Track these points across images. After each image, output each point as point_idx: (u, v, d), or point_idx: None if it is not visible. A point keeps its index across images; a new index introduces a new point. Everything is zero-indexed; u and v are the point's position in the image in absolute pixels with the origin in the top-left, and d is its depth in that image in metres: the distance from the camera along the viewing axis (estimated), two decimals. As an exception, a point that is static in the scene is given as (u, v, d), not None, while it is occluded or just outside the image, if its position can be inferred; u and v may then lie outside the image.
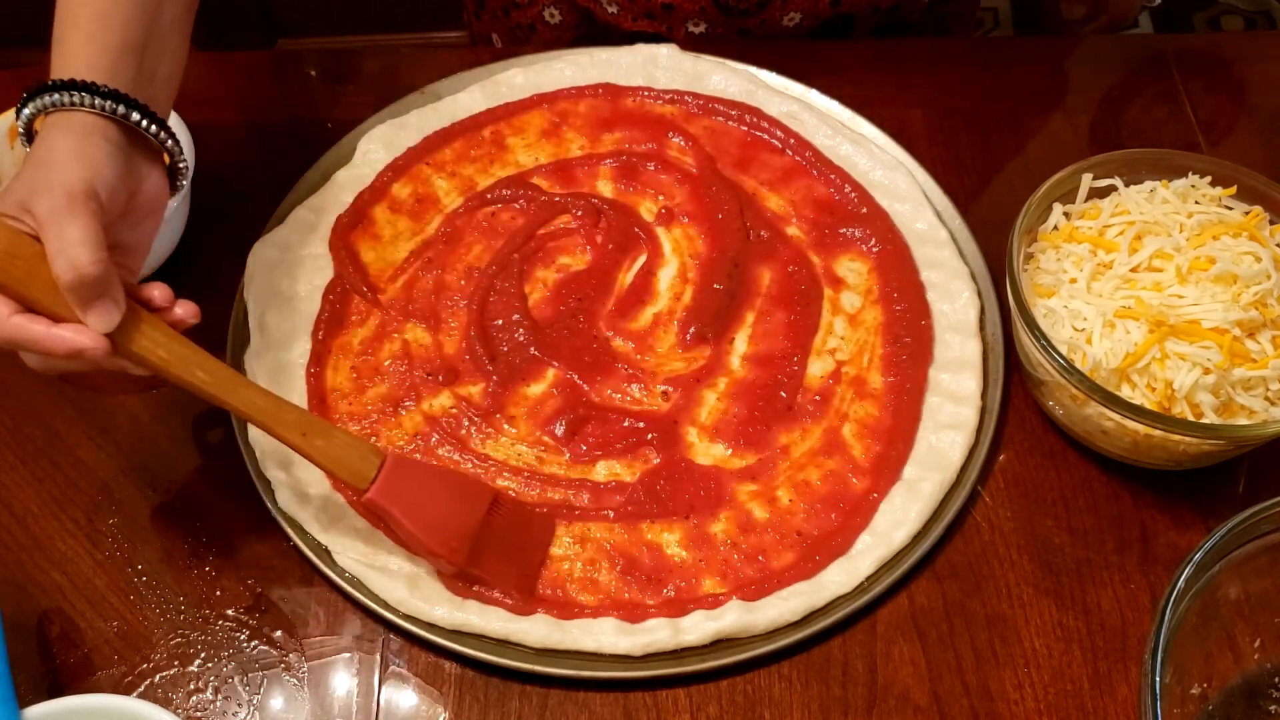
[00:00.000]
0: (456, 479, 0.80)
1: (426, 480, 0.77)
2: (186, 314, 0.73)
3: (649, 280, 0.92)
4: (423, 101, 1.01)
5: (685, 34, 1.10)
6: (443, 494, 0.76)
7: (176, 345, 0.71)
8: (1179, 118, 1.03)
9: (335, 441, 0.74)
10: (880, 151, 0.97)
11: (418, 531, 0.74)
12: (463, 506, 0.76)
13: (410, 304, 0.91)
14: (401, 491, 0.74)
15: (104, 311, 0.67)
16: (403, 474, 0.75)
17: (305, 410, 0.77)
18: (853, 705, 0.75)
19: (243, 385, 0.73)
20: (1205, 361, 0.75)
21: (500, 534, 0.77)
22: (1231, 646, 0.74)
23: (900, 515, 0.80)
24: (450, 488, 0.78)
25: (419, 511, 0.75)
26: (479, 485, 0.79)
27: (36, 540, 0.81)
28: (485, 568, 0.76)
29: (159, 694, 0.75)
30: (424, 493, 0.75)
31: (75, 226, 0.65)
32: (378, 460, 0.74)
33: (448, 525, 0.75)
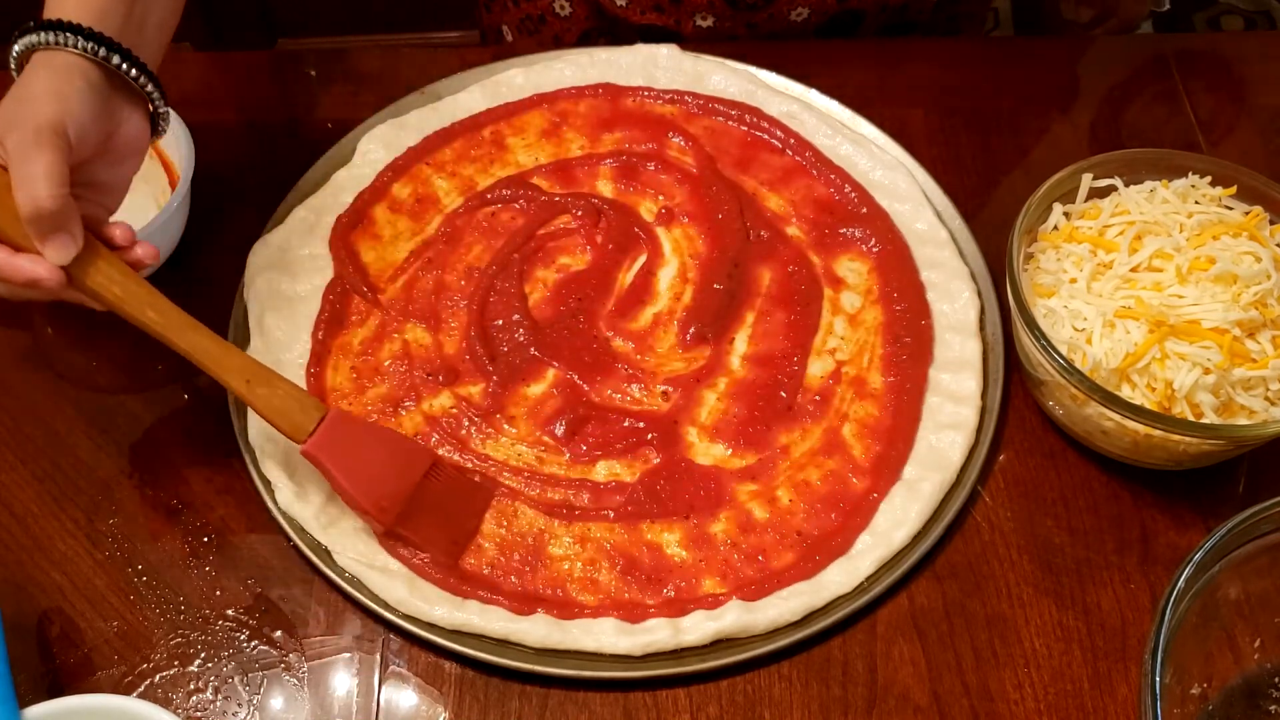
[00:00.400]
0: (396, 440, 0.81)
1: (365, 438, 0.78)
2: (145, 254, 0.75)
3: (649, 280, 0.92)
4: (423, 101, 1.01)
5: (693, 27, 1.10)
6: (380, 453, 0.78)
7: (132, 284, 0.74)
8: (1179, 118, 1.03)
9: (278, 391, 0.76)
10: (880, 151, 0.97)
11: (349, 487, 0.76)
12: (399, 467, 0.78)
13: (410, 304, 0.91)
14: (338, 446, 0.76)
15: (60, 245, 0.69)
16: (342, 430, 0.77)
17: (252, 359, 0.78)
18: (853, 705, 0.75)
19: (192, 328, 0.76)
20: (1205, 361, 0.75)
21: (435, 498, 0.79)
22: (1231, 646, 0.74)
23: (900, 515, 0.80)
24: (388, 448, 0.79)
25: (353, 468, 0.76)
26: (418, 449, 0.81)
27: (36, 540, 0.81)
28: (415, 529, 0.78)
29: (159, 694, 0.75)
30: (361, 450, 0.77)
31: (39, 162, 0.67)
32: (318, 414, 0.76)
33: (381, 484, 0.77)
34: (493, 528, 0.80)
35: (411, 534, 0.78)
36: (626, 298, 0.91)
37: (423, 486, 0.78)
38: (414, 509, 0.78)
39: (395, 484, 0.78)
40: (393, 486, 0.77)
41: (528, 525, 0.81)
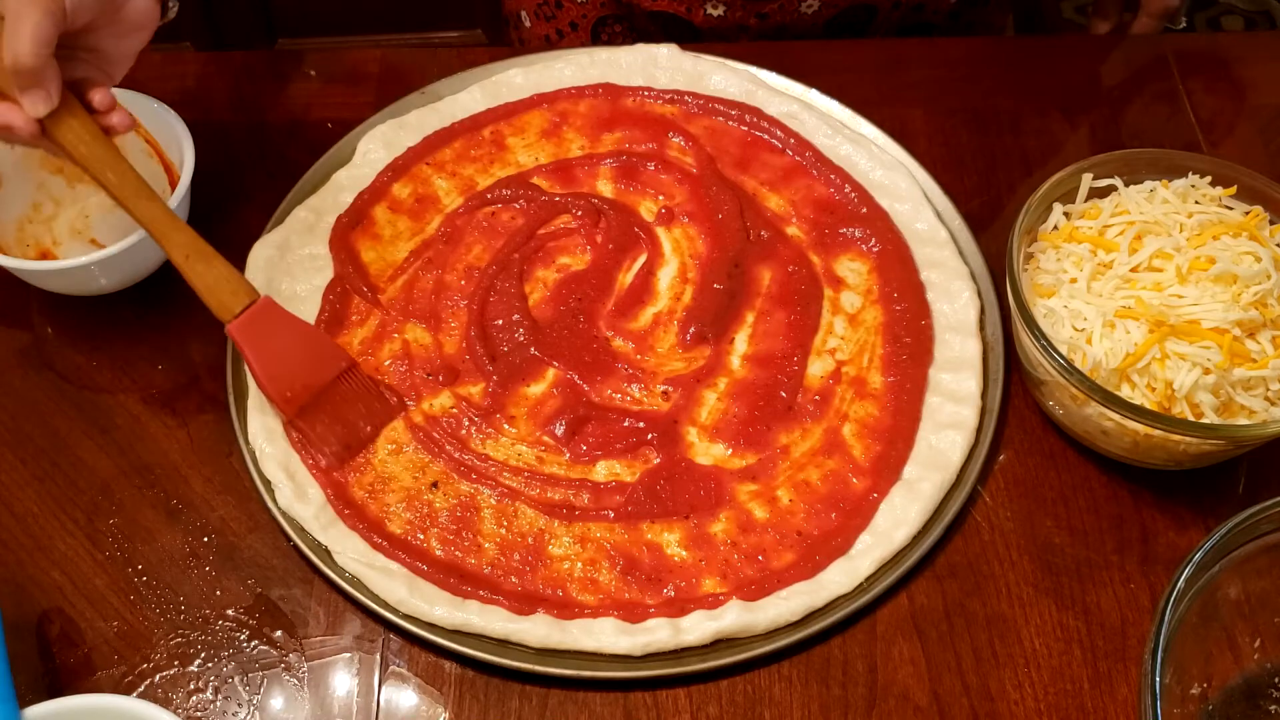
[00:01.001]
0: (316, 339, 0.85)
1: (287, 330, 0.83)
2: (120, 122, 0.81)
3: (649, 280, 0.92)
4: (423, 101, 1.01)
5: (704, 16, 1.10)
6: (297, 347, 0.82)
7: (99, 146, 0.79)
8: (1179, 118, 1.03)
9: (214, 271, 0.81)
10: (880, 151, 0.97)
11: (260, 373, 0.81)
12: (312, 364, 0.83)
13: (410, 304, 0.91)
14: (259, 333, 0.81)
15: (36, 99, 0.76)
16: (266, 318, 0.82)
17: (198, 238, 0.82)
18: (853, 705, 0.75)
19: (146, 197, 0.80)
20: (1205, 361, 0.75)
21: (341, 401, 0.83)
22: (1231, 646, 0.74)
23: (900, 515, 0.80)
24: (307, 344, 0.83)
25: (269, 356, 0.81)
26: (337, 352, 0.84)
27: (36, 540, 0.81)
28: (312, 425, 0.82)
29: (159, 694, 0.75)
30: (280, 340, 0.82)
31: (28, 21, 0.72)
32: (248, 299, 0.81)
33: (291, 376, 0.82)
34: (493, 528, 0.81)
35: (308, 429, 0.82)
36: (626, 298, 0.91)
37: (332, 387, 0.83)
38: (317, 406, 0.82)
39: (305, 378, 0.82)
40: (302, 380, 0.82)
41: (528, 525, 0.81)
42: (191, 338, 0.90)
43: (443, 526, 0.80)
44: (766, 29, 1.12)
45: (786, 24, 1.10)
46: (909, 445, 0.84)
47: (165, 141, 0.92)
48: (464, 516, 0.81)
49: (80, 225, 0.95)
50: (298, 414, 0.82)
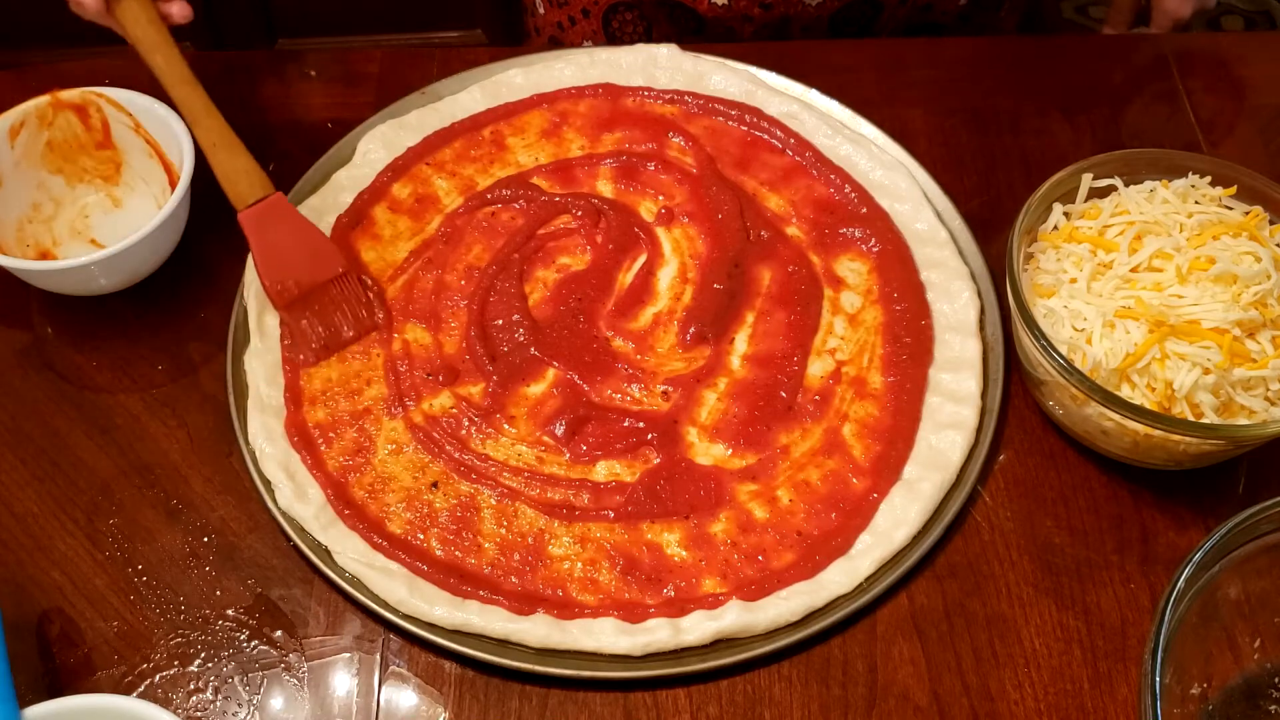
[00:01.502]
0: (318, 241, 0.88)
1: (292, 228, 0.88)
2: (179, 12, 0.89)
3: (649, 280, 0.92)
4: (423, 101, 1.01)
5: (709, 4, 1.11)
6: (299, 245, 0.87)
7: (154, 30, 0.88)
8: (1179, 118, 1.03)
9: (236, 162, 0.87)
10: (880, 151, 0.97)
11: (259, 263, 0.86)
12: (309, 264, 0.87)
13: (410, 304, 0.91)
14: (266, 226, 0.87)
15: None
16: (275, 214, 0.87)
17: (229, 128, 0.88)
18: (853, 705, 0.75)
19: (188, 84, 0.88)
20: (1205, 361, 0.75)
21: (329, 303, 0.87)
22: (1231, 646, 0.74)
23: (900, 515, 0.80)
24: (307, 245, 0.88)
25: (270, 248, 0.87)
26: (334, 256, 0.88)
27: (36, 540, 0.81)
28: (297, 320, 0.87)
29: (159, 694, 0.75)
30: (284, 236, 0.87)
31: None
32: (262, 193, 0.87)
33: (288, 271, 0.86)
34: (493, 528, 0.81)
35: (293, 322, 0.87)
36: (626, 298, 0.91)
37: (324, 289, 0.87)
38: (306, 303, 0.87)
39: (300, 275, 0.86)
40: (296, 277, 0.86)
41: (528, 525, 0.81)
42: (191, 338, 0.90)
43: (443, 526, 0.80)
44: (770, 19, 1.12)
45: (790, 15, 1.10)
46: (909, 445, 0.84)
47: (165, 141, 0.92)
48: (464, 516, 0.81)
49: (80, 225, 0.95)
50: (286, 307, 0.86)
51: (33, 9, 2.00)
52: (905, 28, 1.16)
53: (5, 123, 0.90)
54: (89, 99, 0.92)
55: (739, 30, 1.14)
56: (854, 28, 1.14)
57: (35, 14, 2.00)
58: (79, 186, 0.96)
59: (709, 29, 1.15)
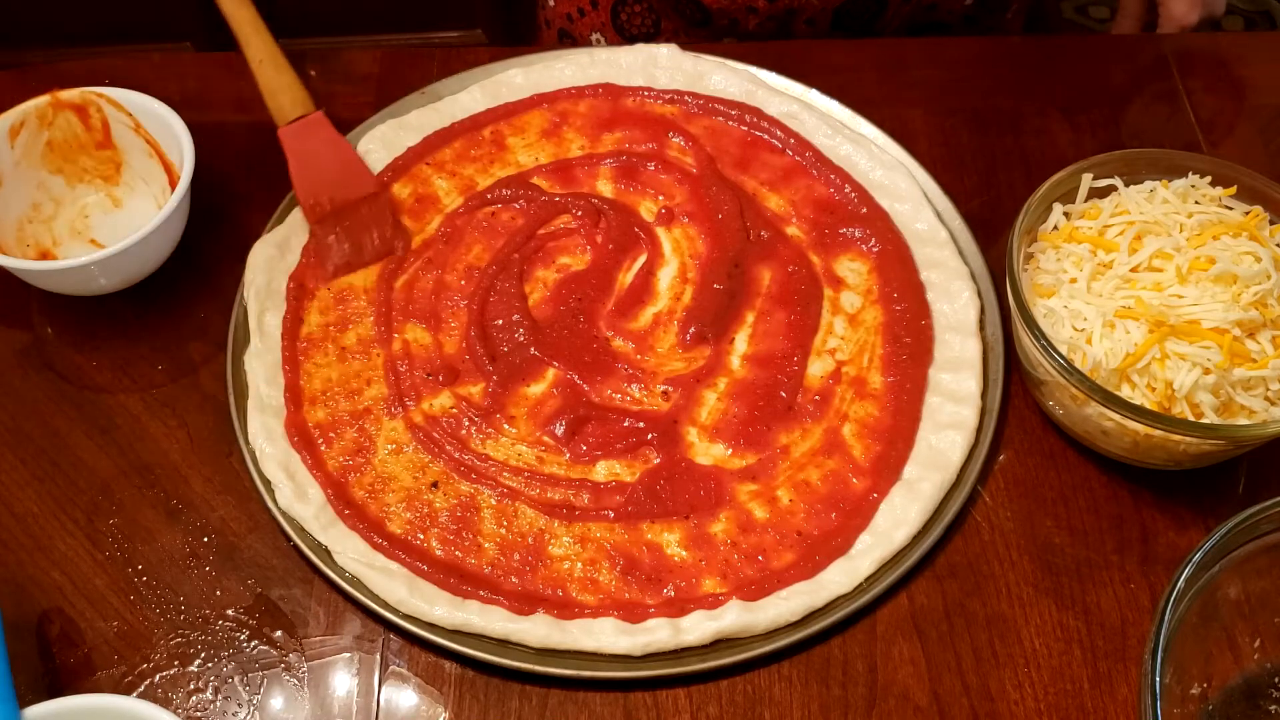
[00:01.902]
0: (353, 162, 0.93)
1: (330, 147, 0.92)
2: None
3: (649, 280, 0.92)
4: (423, 101, 1.01)
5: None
6: (335, 163, 0.92)
7: None
8: (1179, 118, 1.03)
9: (281, 79, 0.92)
10: (880, 151, 0.97)
11: (296, 177, 0.91)
12: (344, 182, 0.91)
13: (410, 304, 0.91)
14: (305, 143, 0.91)
15: None
16: (314, 132, 0.92)
17: (277, 48, 0.94)
18: (853, 705, 0.75)
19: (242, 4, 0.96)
20: (1205, 361, 0.75)
21: (358, 221, 0.91)
22: (1231, 646, 0.74)
23: (900, 515, 0.80)
24: (344, 163, 0.92)
25: (308, 165, 0.91)
26: (367, 176, 0.92)
27: (36, 540, 0.81)
28: (326, 234, 0.90)
29: (159, 694, 0.75)
30: (321, 153, 0.91)
31: None
32: (303, 110, 0.92)
33: (322, 188, 0.90)
34: (493, 528, 0.81)
35: (321, 236, 0.90)
36: (626, 298, 0.91)
37: (354, 207, 0.91)
38: (338, 219, 0.90)
39: (333, 192, 0.90)
40: (330, 193, 0.90)
41: (528, 525, 0.81)
42: (191, 338, 0.90)
43: (443, 526, 0.80)
44: (775, 12, 1.12)
45: (795, 8, 1.10)
46: (909, 445, 0.83)
47: (165, 141, 0.92)
48: (464, 516, 0.81)
49: (80, 225, 0.95)
50: (317, 221, 0.90)
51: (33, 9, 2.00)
52: (910, 26, 1.16)
53: (5, 123, 0.90)
54: (89, 99, 0.92)
55: (743, 22, 1.14)
56: (858, 22, 1.14)
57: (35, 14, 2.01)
58: (79, 186, 0.96)
59: (715, 20, 1.15)
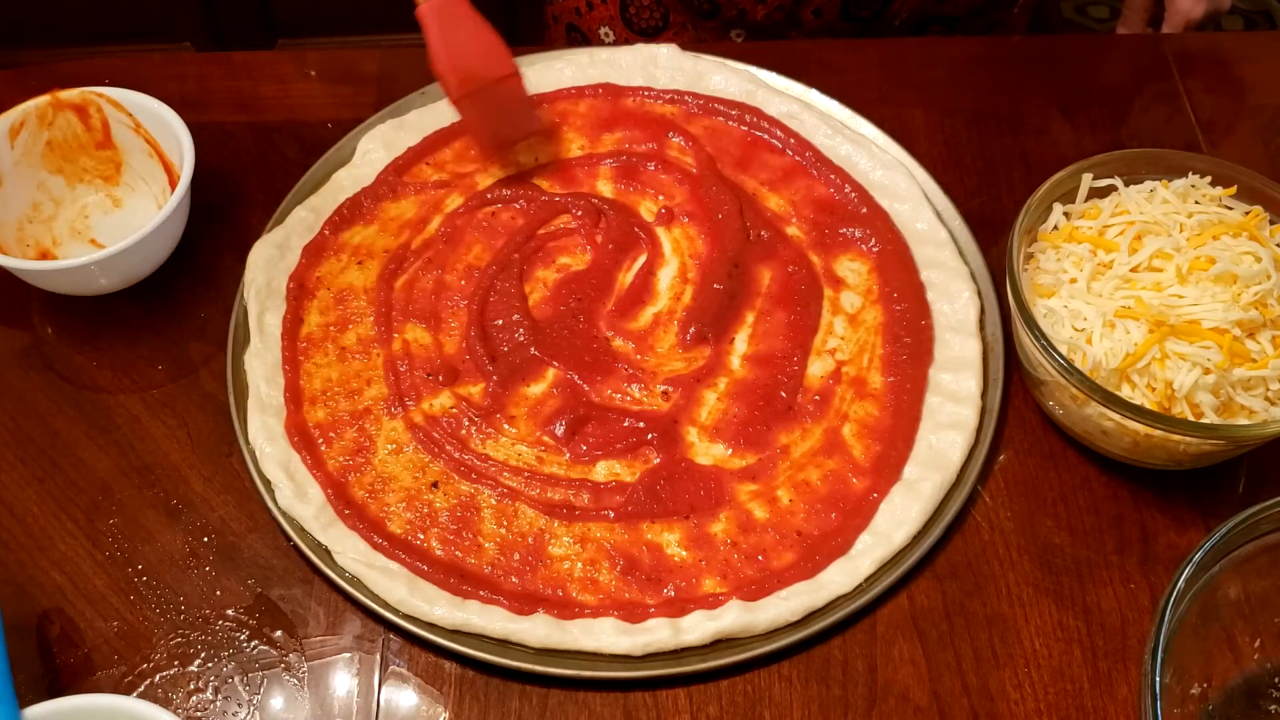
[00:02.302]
0: (492, 42, 0.92)
1: (469, 25, 0.92)
2: None
3: (649, 280, 0.92)
4: (423, 101, 1.01)
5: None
6: (473, 41, 0.91)
7: None
8: (1179, 118, 1.03)
9: None
10: (880, 151, 0.97)
11: (440, 50, 0.91)
12: (484, 59, 0.91)
13: (410, 304, 0.91)
14: (445, 19, 0.91)
15: None
16: (454, 8, 0.91)
17: None
18: (853, 705, 0.75)
19: None
20: (1205, 361, 0.75)
21: (497, 100, 0.92)
22: (1231, 646, 0.74)
23: (900, 515, 0.80)
24: (481, 41, 0.91)
25: (448, 39, 0.91)
26: (505, 56, 0.92)
27: (36, 540, 0.81)
28: (469, 112, 0.93)
29: (159, 694, 0.75)
30: (461, 30, 0.91)
31: None
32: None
33: (464, 62, 0.91)
34: (493, 528, 0.81)
35: (468, 113, 0.93)
36: (626, 298, 0.91)
37: (495, 84, 0.91)
38: (477, 97, 0.91)
39: (475, 68, 0.91)
40: (472, 69, 0.91)
41: (528, 525, 0.81)
42: (191, 338, 0.90)
43: (443, 526, 0.80)
44: (783, 2, 1.12)
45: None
46: (909, 445, 0.83)
47: (165, 141, 0.92)
48: (464, 516, 0.81)
49: (80, 225, 0.95)
50: (458, 99, 0.92)
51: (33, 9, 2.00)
52: (919, 19, 1.16)
53: (5, 123, 0.90)
54: (89, 99, 0.92)
55: (751, 12, 1.14)
56: (866, 12, 1.14)
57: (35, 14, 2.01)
58: (79, 186, 0.96)
59: (722, 12, 1.15)
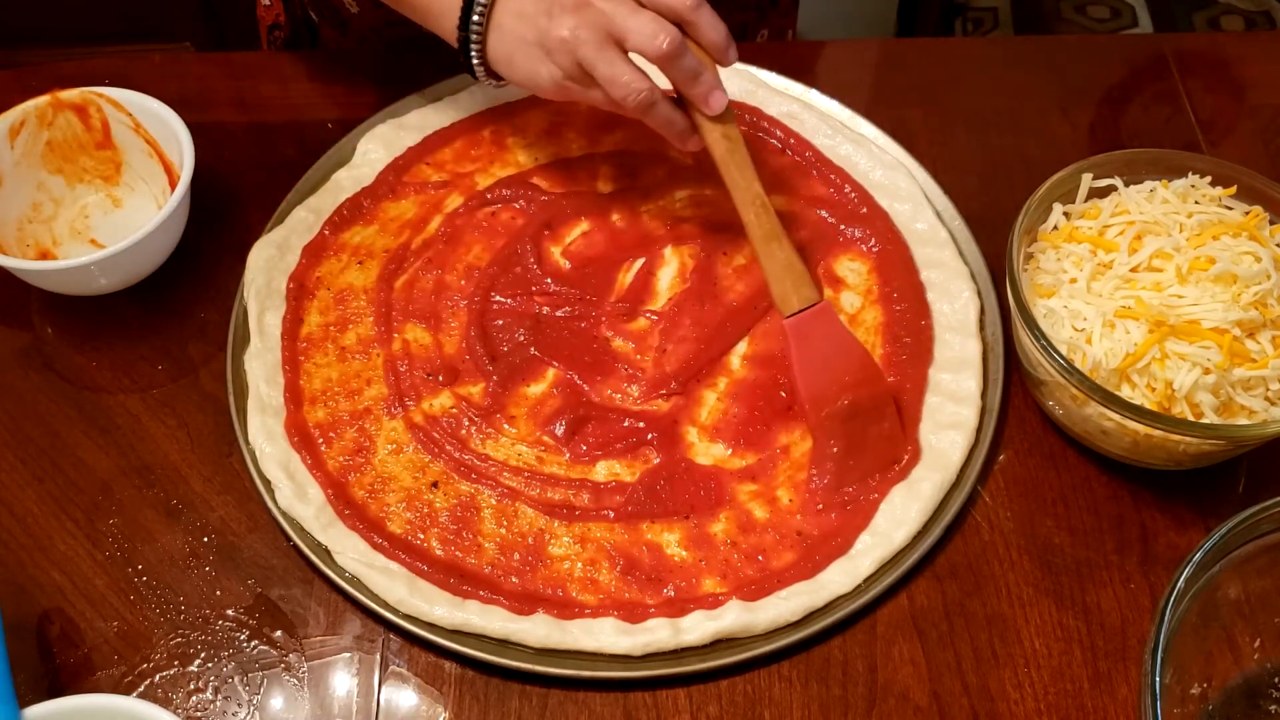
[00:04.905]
0: (858, 361, 0.83)
1: (834, 342, 0.83)
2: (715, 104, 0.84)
3: (649, 280, 0.92)
4: (423, 101, 1.01)
5: None
6: (839, 363, 0.82)
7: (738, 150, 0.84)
8: (1179, 118, 1.03)
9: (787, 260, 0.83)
10: (880, 151, 0.97)
11: (799, 377, 0.82)
12: (847, 383, 0.82)
13: (410, 304, 0.91)
14: (810, 338, 0.82)
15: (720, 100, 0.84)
16: (821, 324, 0.83)
17: (779, 225, 0.83)
18: (853, 705, 0.75)
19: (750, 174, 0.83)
20: (1205, 361, 0.75)
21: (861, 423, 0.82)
22: (1231, 646, 0.74)
23: (900, 515, 0.80)
24: (848, 361, 0.82)
25: (810, 362, 0.82)
26: (874, 371, 0.83)
27: (36, 540, 0.81)
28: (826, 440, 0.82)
29: (159, 694, 0.75)
30: (825, 349, 0.82)
31: None
32: (810, 299, 0.83)
33: (824, 388, 0.82)
34: (493, 528, 0.81)
35: (823, 437, 0.82)
36: (626, 298, 0.91)
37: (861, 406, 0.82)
38: (840, 422, 0.81)
39: (835, 393, 0.82)
40: (831, 394, 0.82)
41: (528, 525, 0.81)
42: (191, 338, 0.90)
43: (443, 526, 0.80)
44: None
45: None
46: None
47: (165, 141, 0.92)
48: (464, 516, 0.81)
49: (80, 225, 0.95)
50: (819, 424, 0.82)
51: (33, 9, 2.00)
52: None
53: (5, 123, 0.90)
54: (89, 99, 0.92)
55: None
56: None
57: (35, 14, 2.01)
58: (79, 186, 0.96)
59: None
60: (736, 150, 0.83)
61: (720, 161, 0.84)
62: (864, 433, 0.82)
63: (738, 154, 0.83)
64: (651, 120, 0.83)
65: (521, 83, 0.85)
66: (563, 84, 0.82)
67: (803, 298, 0.83)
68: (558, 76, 0.82)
